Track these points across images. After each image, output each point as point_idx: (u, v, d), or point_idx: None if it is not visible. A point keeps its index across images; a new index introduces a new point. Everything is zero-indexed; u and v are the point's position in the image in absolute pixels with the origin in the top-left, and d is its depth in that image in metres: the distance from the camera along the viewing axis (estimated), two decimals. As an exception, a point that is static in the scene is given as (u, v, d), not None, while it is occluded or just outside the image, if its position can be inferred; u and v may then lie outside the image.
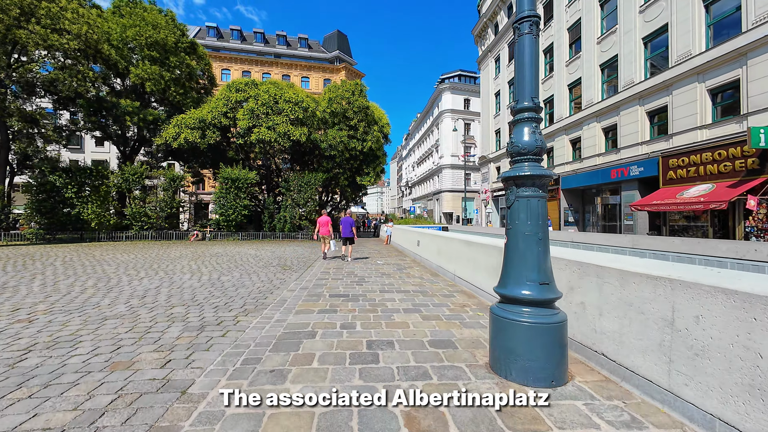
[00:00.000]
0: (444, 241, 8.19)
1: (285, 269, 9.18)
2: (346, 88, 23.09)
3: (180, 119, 20.28)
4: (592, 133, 20.97)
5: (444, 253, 8.12)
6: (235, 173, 20.67)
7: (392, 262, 10.98)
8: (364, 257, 12.25)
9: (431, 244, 9.59)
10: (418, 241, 11.56)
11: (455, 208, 52.10)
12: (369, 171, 25.02)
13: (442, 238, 8.45)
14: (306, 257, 12.45)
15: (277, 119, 20.15)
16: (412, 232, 13.34)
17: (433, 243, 9.36)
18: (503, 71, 33.11)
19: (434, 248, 9.08)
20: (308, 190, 21.90)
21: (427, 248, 10.11)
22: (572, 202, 23.74)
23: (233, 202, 20.65)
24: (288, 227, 22.00)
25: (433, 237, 9.56)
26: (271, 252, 14.17)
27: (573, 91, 23.49)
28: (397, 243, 17.67)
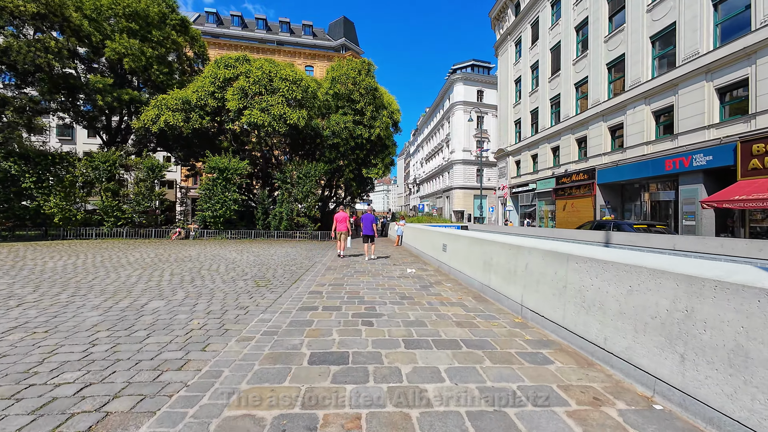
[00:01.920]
0: (502, 251, 5.33)
1: (259, 286, 6.40)
2: (352, 66, 20.25)
3: (160, 100, 17.62)
4: (639, 117, 17.86)
5: (499, 268, 5.27)
6: (224, 162, 17.98)
7: (411, 273, 8.16)
8: (373, 263, 9.46)
9: (470, 252, 6.72)
10: (443, 245, 8.70)
11: (466, 206, 49.13)
12: (377, 162, 22.18)
13: (493, 244, 5.59)
14: (298, 263, 9.68)
15: (272, 100, 17.38)
16: (432, 233, 10.48)
17: (473, 250, 6.50)
18: (525, 55, 29.98)
19: (477, 259, 6.22)
20: (308, 183, 19.13)
21: (462, 257, 7.25)
22: (609, 199, 20.66)
23: (221, 195, 17.97)
24: (285, 225, 19.28)
25: (471, 242, 6.70)
26: (256, 256, 11.41)
27: (612, 71, 20.37)
28: (410, 244, 14.85)
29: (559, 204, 24.67)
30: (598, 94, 20.92)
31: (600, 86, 20.84)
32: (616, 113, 19.54)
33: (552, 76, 26.00)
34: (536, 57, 28.27)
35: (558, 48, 25.23)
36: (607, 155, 20.21)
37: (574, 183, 22.64)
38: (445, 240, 8.59)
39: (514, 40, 32.34)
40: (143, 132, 18.42)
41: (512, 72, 32.74)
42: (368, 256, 10.56)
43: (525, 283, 4.43)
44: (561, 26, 24.69)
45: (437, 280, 7.26)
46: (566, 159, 23.94)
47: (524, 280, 4.45)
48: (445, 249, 8.53)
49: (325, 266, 9.17)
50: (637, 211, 19.57)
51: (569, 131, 23.68)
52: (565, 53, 24.22)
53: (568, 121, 23.66)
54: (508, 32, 33.06)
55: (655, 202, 17.88)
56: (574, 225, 22.83)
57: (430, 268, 9.04)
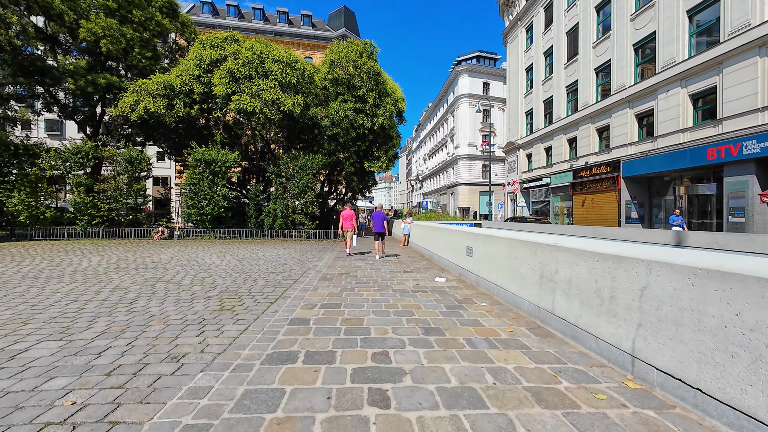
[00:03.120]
0: (582, 263, 3.55)
1: (223, 309, 4.61)
2: (352, 49, 18.39)
3: (140, 84, 15.84)
4: (673, 102, 15.97)
5: (576, 289, 3.48)
6: (211, 154, 16.21)
7: (428, 285, 6.38)
8: (378, 269, 7.69)
9: (514, 259, 4.94)
10: (467, 248, 6.91)
11: (472, 202, 47.36)
12: (380, 155, 20.35)
13: (560, 251, 3.79)
14: (287, 270, 7.91)
15: (263, 84, 15.58)
16: (450, 233, 8.70)
17: (522, 257, 4.73)
18: (537, 41, 28.03)
19: (529, 270, 4.44)
20: (304, 177, 17.35)
21: (500, 265, 5.48)
22: (636, 193, 18.80)
23: (208, 190, 16.21)
24: (279, 223, 17.52)
25: (516, 246, 4.91)
26: (240, 260, 9.65)
27: (639, 53, 18.45)
28: (418, 245, 13.07)
29: (577, 200, 22.81)
30: (623, 78, 19.01)
31: (625, 70, 18.92)
32: (645, 98, 17.64)
33: (568, 62, 24.07)
34: (550, 42, 26.32)
35: (575, 31, 23.29)
36: (634, 145, 18.33)
37: (595, 177, 20.78)
38: (471, 241, 6.80)
39: (525, 25, 30.36)
40: (122, 121, 16.64)
41: (523, 60, 30.79)
42: (378, 254, 10.51)
43: (641, 321, 2.64)
44: (579, 7, 22.74)
45: (465, 295, 5.48)
46: (585, 151, 22.06)
47: (639, 315, 2.66)
48: (470, 253, 6.74)
49: (319, 274, 7.40)
50: (668, 207, 17.69)
51: (588, 120, 21.79)
52: (584, 36, 22.29)
53: (587, 109, 21.77)
54: (518, 18, 31.09)
55: (693, 196, 16.00)
56: (594, 222, 21.01)
57: (450, 276, 7.26)
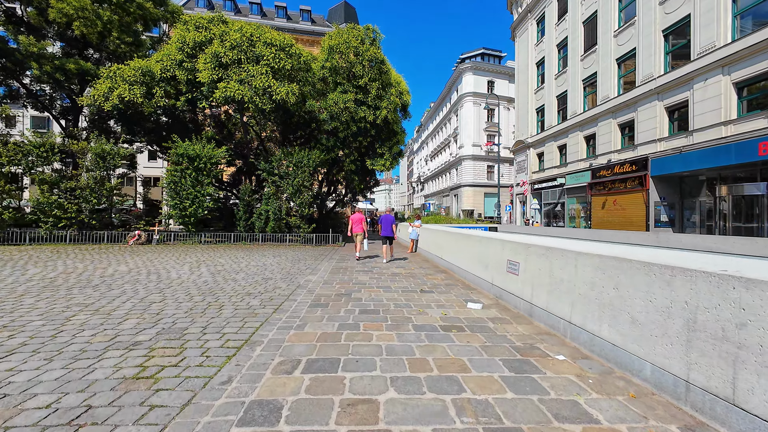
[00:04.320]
0: None
1: (137, 378, 2.83)
2: (353, 34, 16.67)
3: (114, 70, 14.08)
4: (713, 91, 14.25)
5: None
6: (195, 149, 14.44)
7: (460, 315, 4.60)
8: (388, 287, 5.89)
9: (614, 289, 3.14)
10: (509, 263, 5.13)
11: (476, 204, 45.71)
12: (383, 151, 18.57)
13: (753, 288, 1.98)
14: (269, 290, 6.12)
15: (254, 69, 13.84)
16: (479, 242, 6.91)
17: (643, 288, 2.92)
18: (549, 33, 26.37)
19: (662, 315, 2.61)
20: (300, 175, 15.58)
21: (587, 295, 3.69)
22: (666, 194, 17.05)
23: (191, 189, 14.43)
24: (271, 226, 15.72)
25: (635, 270, 3.10)
26: (214, 273, 7.85)
27: (670, 39, 16.76)
28: (429, 252, 11.28)
29: (596, 201, 21.05)
30: (651, 67, 17.30)
31: (653, 58, 17.22)
32: (677, 89, 15.92)
33: (585, 54, 22.39)
34: (564, 34, 24.65)
35: (594, 20, 21.63)
36: (665, 141, 16.59)
37: (617, 176, 19.03)
38: (516, 254, 5.01)
39: (535, 17, 28.73)
40: (95, 111, 14.88)
41: (533, 54, 29.13)
42: (386, 258, 10.46)
43: None
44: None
45: (522, 337, 3.70)
46: (605, 148, 20.33)
47: None
48: (515, 269, 4.96)
49: (311, 295, 5.61)
50: (703, 209, 15.93)
51: (609, 115, 20.08)
52: (604, 24, 20.62)
53: (607, 103, 20.06)
54: (528, 10, 29.46)
55: (738, 197, 14.23)
56: (616, 225, 19.26)
57: (484, 299, 5.47)
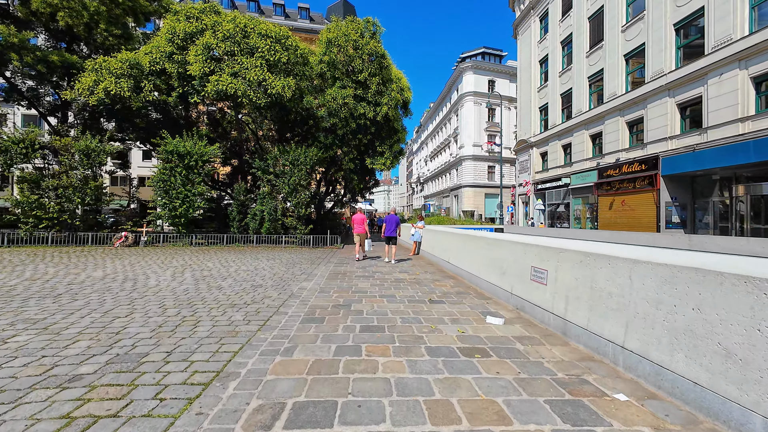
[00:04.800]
0: None
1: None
2: (353, 27, 15.97)
3: (100, 62, 13.33)
4: (729, 86, 13.62)
5: None
6: (186, 145, 13.70)
7: (480, 333, 3.88)
8: (392, 296, 5.13)
9: (695, 309, 2.43)
10: (535, 270, 4.42)
11: (477, 205, 45.09)
12: (383, 150, 17.87)
13: None
14: (255, 302, 5.39)
15: (247, 62, 13.12)
16: (491, 244, 6.19)
17: (744, 311, 2.16)
18: (553, 29, 25.76)
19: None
20: (296, 173, 14.85)
21: (622, 309, 2.97)
22: (677, 194, 16.41)
23: (182, 188, 13.67)
24: (267, 227, 14.96)
25: (728, 288, 2.37)
26: (198, 280, 7.10)
27: (681, 33, 16.14)
28: (435, 255, 10.56)
29: (603, 201, 20.40)
30: (661, 63, 16.67)
31: (663, 53, 16.59)
32: (690, 84, 15.29)
33: (591, 50, 21.78)
34: (569, 30, 24.05)
35: (600, 15, 21.03)
36: (676, 139, 15.95)
37: (626, 175, 18.38)
38: (543, 259, 4.29)
39: (538, 14, 28.14)
40: (80, 106, 14.12)
41: (536, 51, 28.53)
42: (388, 258, 10.29)
43: None
44: (604, -12, 20.49)
45: (560, 363, 2.99)
46: (613, 147, 19.69)
47: None
48: (541, 278, 4.24)
49: (304, 306, 4.88)
50: (717, 210, 15.29)
51: (617, 113, 19.45)
52: (611, 20, 20.01)
53: (615, 100, 19.43)
54: (531, 6, 28.86)
55: (757, 197, 13.57)
56: (624, 227, 18.61)
57: (503, 311, 4.75)
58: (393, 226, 10.66)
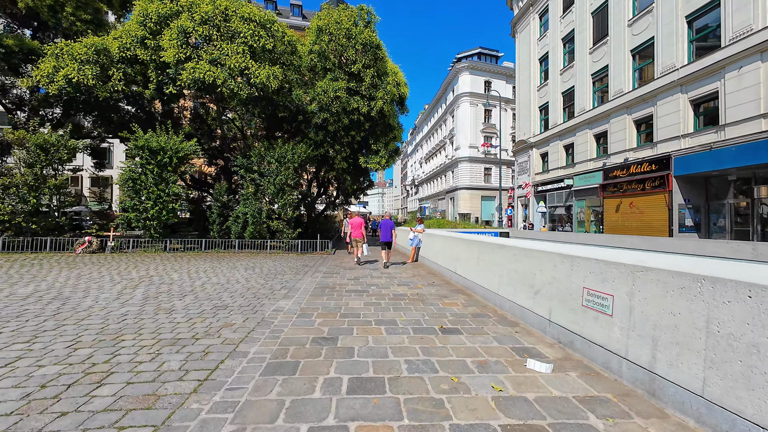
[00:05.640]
0: None
1: None
2: (345, 14, 14.76)
3: (61, 47, 11.90)
4: (749, 81, 12.69)
5: None
6: (159, 140, 12.30)
7: (525, 389, 2.62)
8: (392, 322, 3.86)
9: None
10: (590, 294, 3.19)
11: (473, 208, 44.09)
12: (378, 148, 16.63)
13: None
14: (209, 335, 4.07)
15: (228, 48, 11.81)
16: (518, 254, 4.97)
17: None
18: (554, 26, 24.89)
19: None
20: (283, 171, 13.52)
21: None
22: (689, 196, 15.45)
23: (154, 188, 12.26)
24: (250, 231, 13.59)
25: None
26: (148, 299, 5.75)
27: (693, 26, 15.26)
28: (435, 262, 9.30)
29: (609, 204, 19.41)
30: (672, 57, 15.76)
31: (674, 47, 15.68)
32: (705, 79, 14.37)
33: (594, 46, 20.89)
34: (570, 26, 23.18)
35: (604, 9, 20.16)
36: (690, 137, 15.00)
37: (634, 176, 17.40)
38: (606, 281, 3.06)
39: (538, 11, 27.29)
40: (40, 98, 12.64)
41: (536, 49, 27.65)
42: (384, 261, 10.18)
43: None
44: (608, -19, 19.64)
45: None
46: (619, 147, 18.73)
47: None
48: (604, 306, 3.01)
49: (275, 341, 3.59)
50: (733, 213, 14.33)
51: (623, 110, 18.51)
52: (616, 14, 19.13)
53: (621, 98, 18.50)
54: (530, 3, 28.02)
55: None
56: (633, 230, 17.61)
57: (541, 346, 3.51)
58: (388, 231, 10.62)
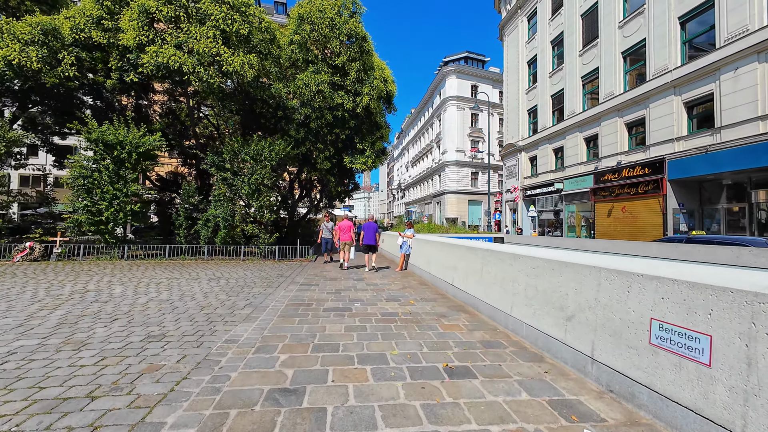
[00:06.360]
0: None
1: None
2: (329, 3, 13.72)
3: (2, 25, 10.39)
4: (746, 82, 12.35)
5: None
6: (116, 134, 10.87)
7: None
8: (377, 356, 2.84)
9: None
10: (661, 332, 2.21)
11: (460, 212, 43.56)
12: (365, 147, 15.58)
13: None
14: (93, 412, 2.90)
15: (197, 31, 10.57)
16: (546, 266, 3.98)
17: None
18: (543, 29, 24.62)
19: None
20: (259, 170, 12.28)
21: None
22: (684, 200, 15.06)
23: (109, 187, 10.80)
24: (222, 236, 12.24)
25: None
26: (56, 328, 4.46)
27: (686, 27, 14.98)
28: (428, 271, 8.26)
29: (600, 208, 18.96)
30: (665, 59, 15.44)
31: (667, 49, 15.37)
32: (699, 81, 14.04)
33: (584, 49, 20.59)
34: (559, 29, 22.90)
35: (594, 11, 19.89)
36: (684, 140, 14.63)
37: (627, 180, 16.98)
38: (708, 316, 2.09)
39: (526, 14, 27.05)
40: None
41: (524, 52, 27.36)
42: (369, 266, 9.95)
43: None
44: (598, -17, 19.39)
45: None
46: (611, 150, 18.33)
47: None
48: (693, 349, 2.04)
49: (210, 400, 2.45)
50: (728, 218, 13.98)
51: (614, 113, 18.15)
52: (606, 16, 18.86)
53: (612, 100, 18.14)
54: (518, 6, 27.78)
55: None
56: (625, 235, 17.14)
57: (581, 392, 2.51)
58: (372, 234, 10.27)
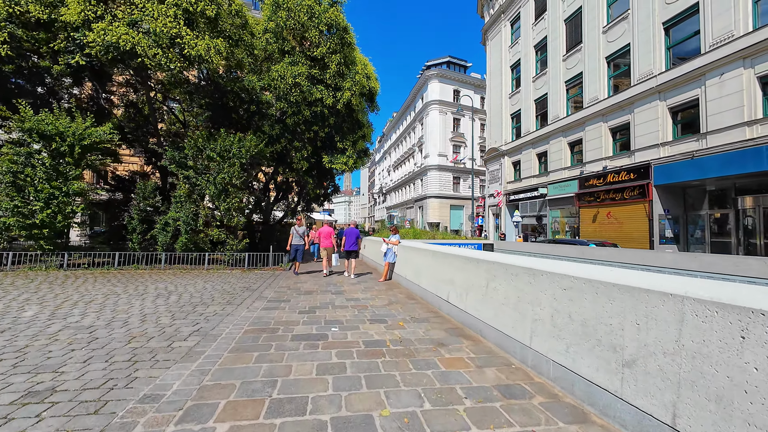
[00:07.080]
0: None
1: None
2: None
3: None
4: (732, 87, 12.27)
5: None
6: (56, 124, 9.35)
7: None
8: (363, 420, 1.90)
9: None
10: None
11: (443, 217, 43.13)
12: (346, 146, 14.53)
13: None
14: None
15: (153, 9, 9.26)
16: (590, 289, 3.08)
17: None
18: (526, 33, 24.53)
19: None
20: (226, 168, 10.99)
21: None
22: (669, 207, 14.92)
23: (45, 185, 9.25)
24: (183, 242, 10.83)
25: None
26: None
27: (671, 33, 14.95)
28: (417, 284, 7.32)
29: (585, 214, 18.73)
30: (650, 64, 15.36)
31: (652, 54, 15.30)
32: (684, 87, 13.96)
33: (568, 53, 20.51)
34: (543, 33, 22.84)
35: (578, 16, 19.84)
36: (669, 145, 14.51)
37: (612, 185, 16.78)
38: None
39: (509, 18, 26.98)
40: None
41: (507, 57, 27.24)
42: (350, 273, 9.76)
43: None
44: (582, -12, 19.36)
45: None
46: (595, 155, 18.17)
47: None
48: None
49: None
50: (713, 224, 13.89)
51: (599, 118, 18.02)
52: (590, 21, 18.80)
53: (596, 105, 18.02)
54: (501, 11, 27.70)
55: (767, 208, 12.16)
56: (613, 240, 16.90)
57: None
58: (353, 240, 10.05)
